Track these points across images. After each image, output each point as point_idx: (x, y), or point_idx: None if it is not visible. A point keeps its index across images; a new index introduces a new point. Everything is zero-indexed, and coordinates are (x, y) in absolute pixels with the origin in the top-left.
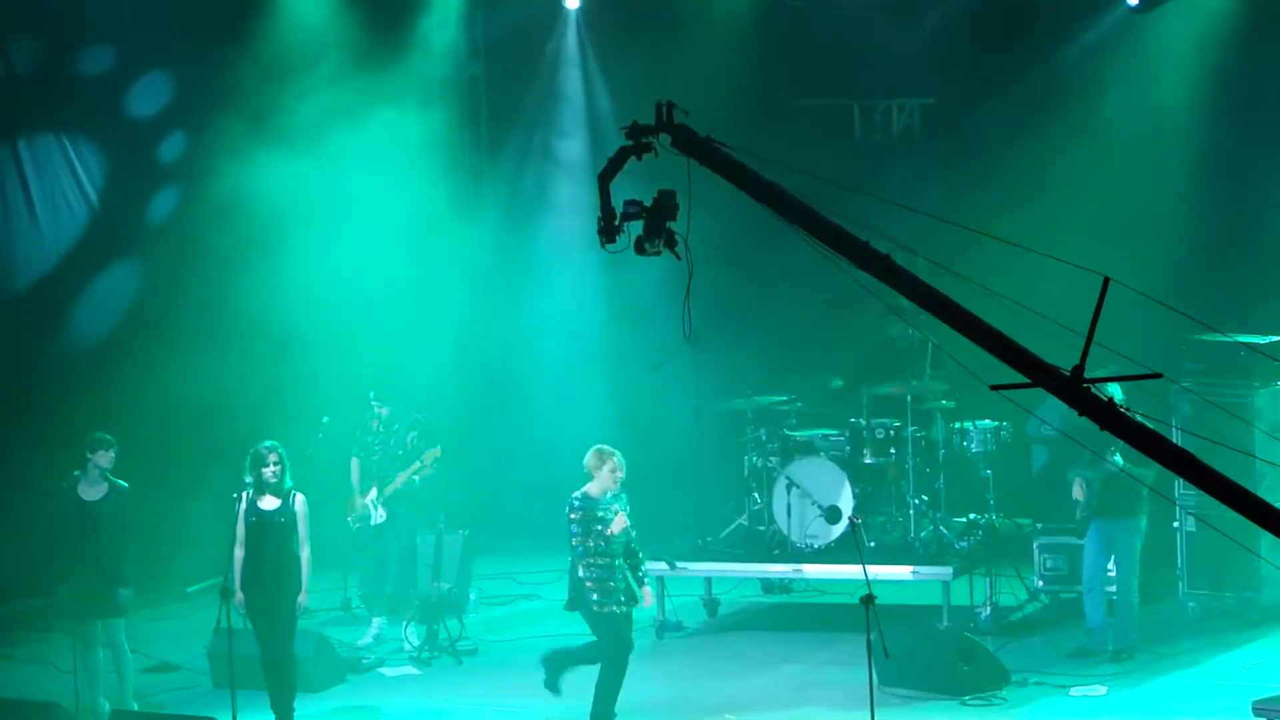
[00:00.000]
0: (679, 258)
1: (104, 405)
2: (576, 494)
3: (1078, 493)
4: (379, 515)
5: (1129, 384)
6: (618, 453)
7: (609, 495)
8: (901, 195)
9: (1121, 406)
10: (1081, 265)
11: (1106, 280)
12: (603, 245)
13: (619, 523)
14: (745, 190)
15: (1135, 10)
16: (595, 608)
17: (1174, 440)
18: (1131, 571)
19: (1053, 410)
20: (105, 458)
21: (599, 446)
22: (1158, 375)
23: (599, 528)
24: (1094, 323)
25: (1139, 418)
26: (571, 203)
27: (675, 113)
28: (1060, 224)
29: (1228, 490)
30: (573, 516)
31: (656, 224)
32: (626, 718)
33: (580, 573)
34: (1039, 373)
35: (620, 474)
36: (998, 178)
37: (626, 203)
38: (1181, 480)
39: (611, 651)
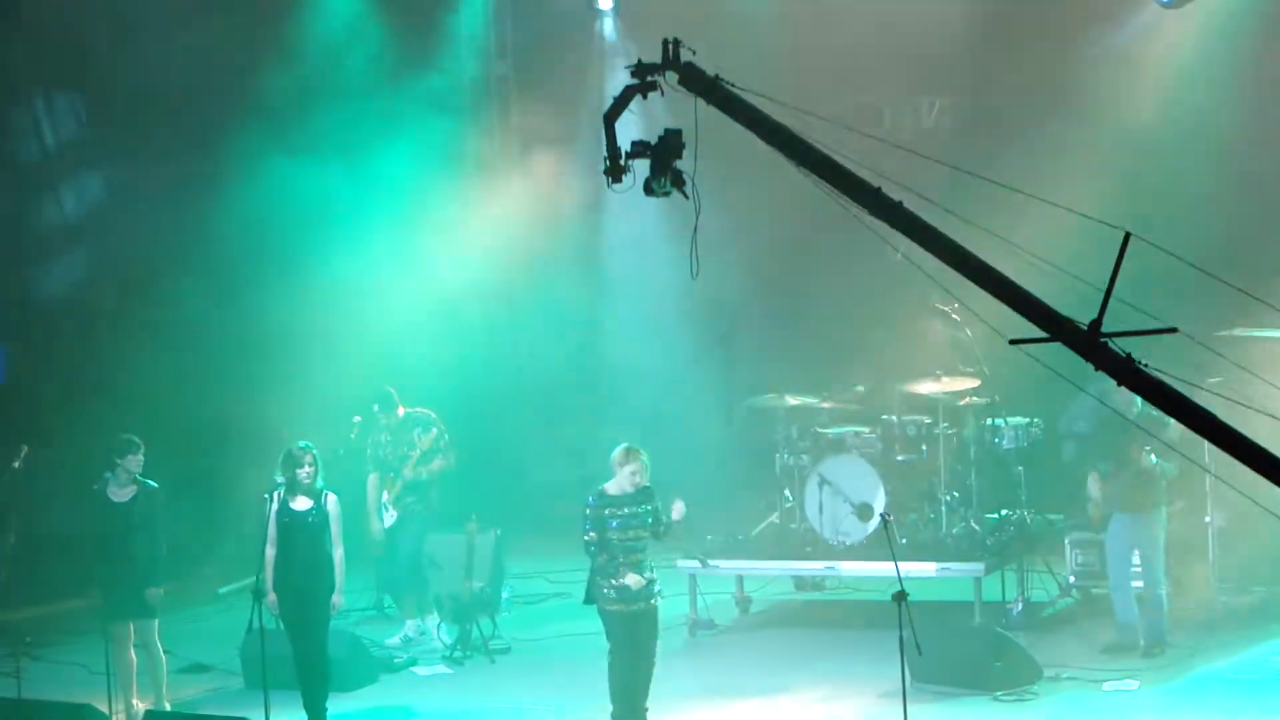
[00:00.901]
0: (686, 197)
1: (135, 406)
2: (594, 491)
3: (1093, 487)
4: (390, 517)
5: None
6: (645, 454)
7: (626, 494)
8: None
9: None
10: (1103, 220)
11: (1127, 235)
12: (609, 185)
13: (677, 510)
14: (754, 130)
15: (1165, 6)
16: (599, 603)
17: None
18: (1158, 565)
19: (1083, 406)
20: (134, 461)
21: (629, 445)
22: (1174, 330)
23: (614, 524)
24: (1114, 277)
25: (1157, 374)
26: (600, 201)
27: (682, 51)
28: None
29: (1252, 452)
30: (586, 512)
31: (662, 162)
32: (659, 714)
33: (592, 568)
34: (1056, 326)
35: (639, 479)
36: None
37: (633, 143)
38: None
39: (610, 647)
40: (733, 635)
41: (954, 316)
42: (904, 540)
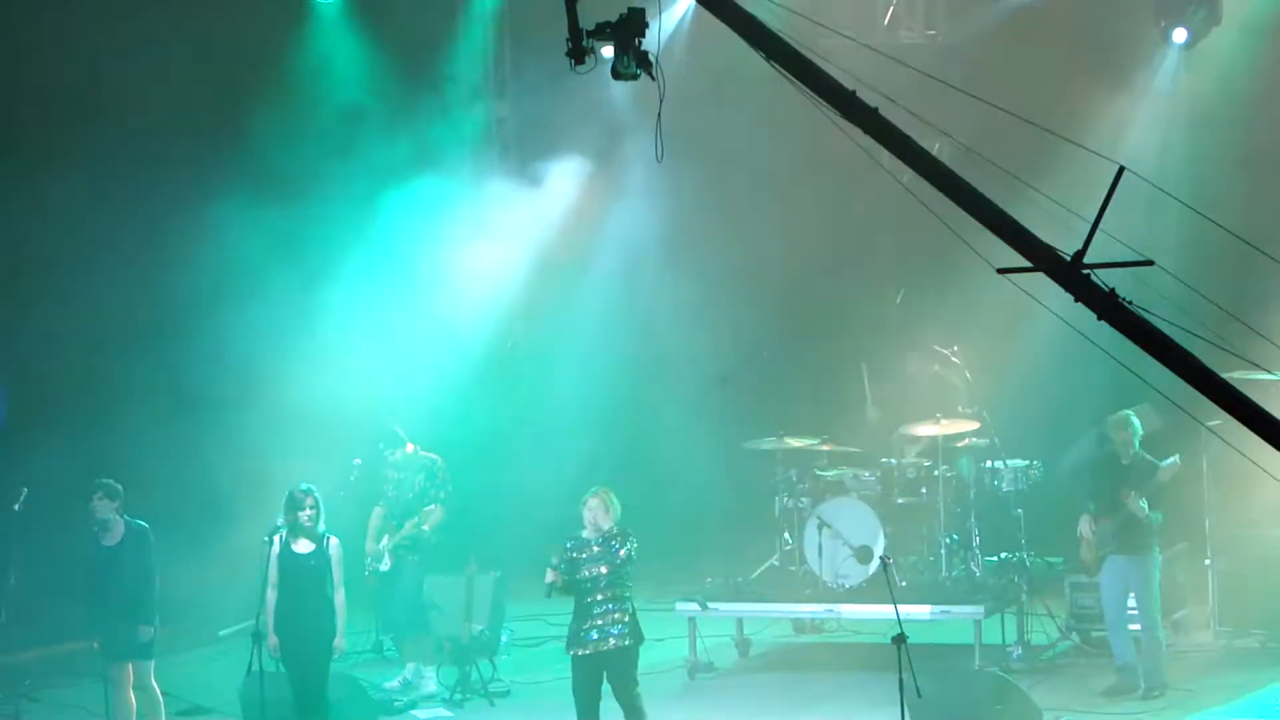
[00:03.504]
0: (653, 78)
1: (131, 443)
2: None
3: (1084, 529)
4: (385, 563)
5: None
6: (595, 491)
7: (600, 536)
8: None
9: (1141, 446)
10: (1099, 153)
11: (1120, 170)
12: (572, 67)
13: (548, 577)
14: (736, 30)
15: (1184, 47)
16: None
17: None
18: (1153, 607)
19: (1082, 448)
20: (106, 506)
21: (595, 489)
22: (1149, 263)
23: (582, 569)
24: (1102, 210)
25: (1140, 311)
26: (600, 243)
27: None
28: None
29: (1237, 400)
30: (559, 554)
31: (624, 41)
32: None
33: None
34: (1039, 255)
35: (591, 514)
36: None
37: (596, 24)
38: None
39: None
40: (732, 678)
41: (953, 359)
42: (903, 583)
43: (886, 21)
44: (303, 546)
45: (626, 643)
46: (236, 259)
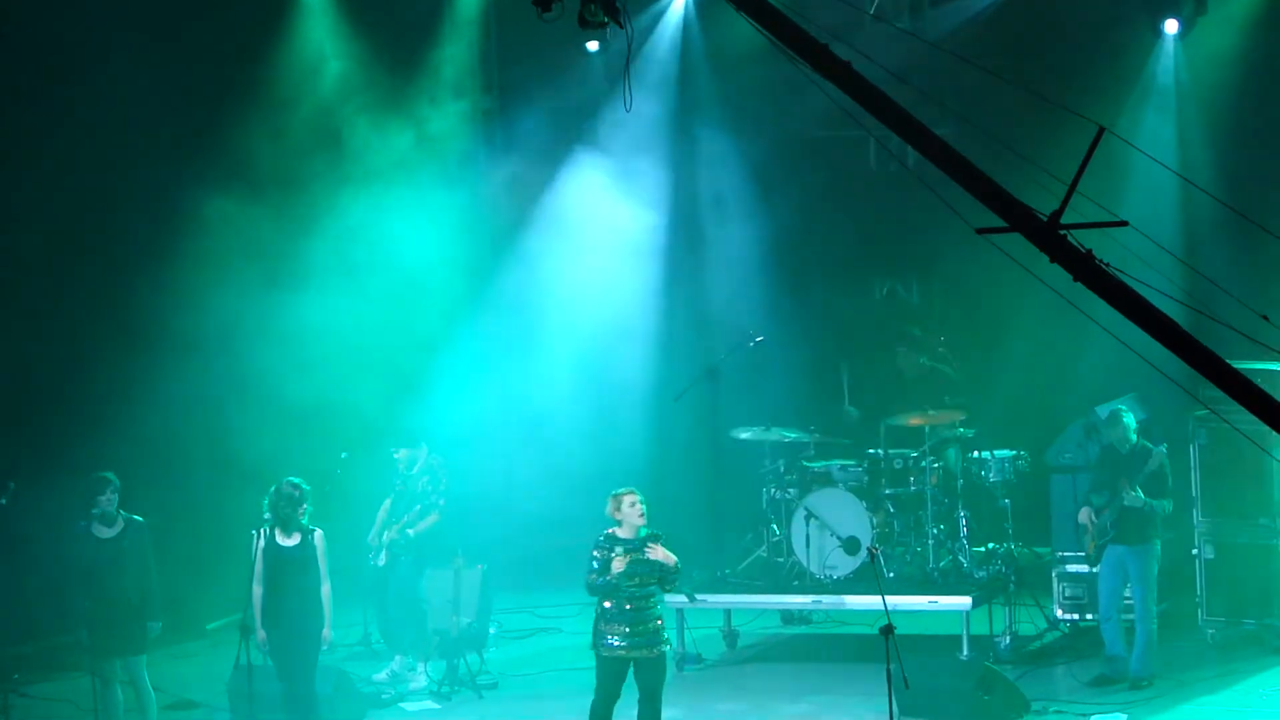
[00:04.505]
0: (620, 26)
1: (118, 439)
2: (603, 533)
3: (1084, 519)
4: (381, 558)
5: (1136, 410)
6: (631, 491)
7: (637, 537)
8: (918, 223)
9: (1136, 434)
10: (1078, 114)
11: (1100, 130)
12: (539, 16)
13: (616, 565)
14: None
15: (1178, 36)
16: (598, 648)
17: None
18: (1149, 598)
19: (1071, 439)
20: (106, 499)
21: (620, 490)
22: (1124, 224)
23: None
24: (1080, 170)
25: (1117, 274)
26: (584, 239)
27: None
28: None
29: (1222, 371)
30: (594, 554)
31: None
32: None
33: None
34: (1016, 215)
35: (632, 513)
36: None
37: None
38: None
39: (597, 693)
40: (720, 670)
41: (940, 349)
42: (891, 573)
43: (873, 11)
44: (289, 540)
45: (666, 648)
46: (215, 251)
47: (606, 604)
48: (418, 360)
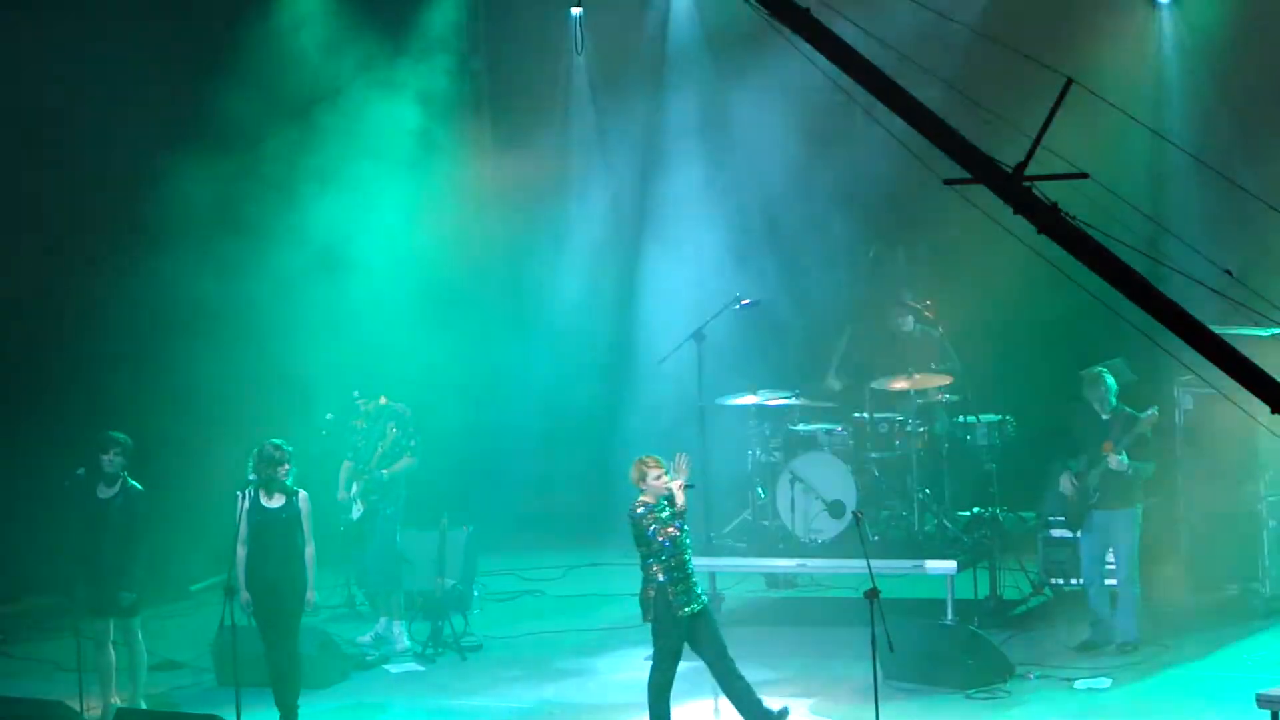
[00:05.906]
0: None
1: (111, 400)
2: (632, 507)
3: (1065, 486)
4: (357, 510)
5: (1126, 373)
6: (654, 456)
7: (662, 500)
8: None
9: (1119, 399)
10: (1045, 64)
11: (1069, 81)
12: None
13: (679, 498)
14: None
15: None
16: (670, 611)
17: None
18: (1132, 563)
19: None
20: (109, 460)
21: (643, 457)
22: (1085, 175)
23: (651, 533)
24: (1047, 122)
25: (1080, 225)
26: (575, 196)
27: None
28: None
29: (1185, 323)
30: (636, 530)
31: None
32: (627, 714)
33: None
34: (979, 165)
35: (658, 478)
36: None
37: None
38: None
39: (656, 662)
40: None
41: (927, 313)
42: (876, 537)
43: None
44: (273, 501)
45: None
46: (198, 219)
47: (657, 573)
48: (402, 325)
